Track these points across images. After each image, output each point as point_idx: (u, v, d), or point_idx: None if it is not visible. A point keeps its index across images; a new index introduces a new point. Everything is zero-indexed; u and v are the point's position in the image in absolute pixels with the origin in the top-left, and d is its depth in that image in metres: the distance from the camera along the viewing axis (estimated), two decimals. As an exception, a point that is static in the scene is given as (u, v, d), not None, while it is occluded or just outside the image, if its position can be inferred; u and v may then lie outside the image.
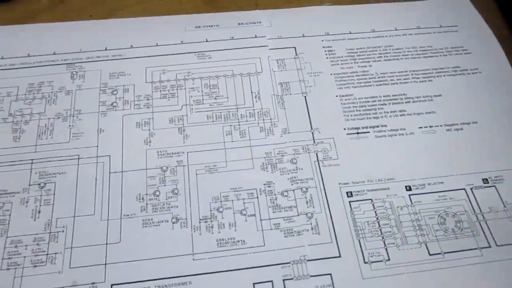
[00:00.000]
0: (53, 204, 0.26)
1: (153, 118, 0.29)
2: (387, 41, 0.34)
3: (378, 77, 0.32)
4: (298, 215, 0.26)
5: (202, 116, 0.30)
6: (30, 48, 0.32)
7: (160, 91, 0.30)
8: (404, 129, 0.30)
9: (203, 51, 0.32)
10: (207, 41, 0.33)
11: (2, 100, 0.30)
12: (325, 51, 0.33)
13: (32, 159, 0.28)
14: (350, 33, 0.34)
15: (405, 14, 0.36)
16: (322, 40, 0.34)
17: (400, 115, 0.30)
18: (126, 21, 0.34)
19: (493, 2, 0.37)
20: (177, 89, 0.31)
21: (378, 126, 0.30)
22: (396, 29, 0.34)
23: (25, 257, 0.25)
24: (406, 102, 0.31)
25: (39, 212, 0.26)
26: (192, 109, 0.30)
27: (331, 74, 0.32)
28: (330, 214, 0.26)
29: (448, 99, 0.31)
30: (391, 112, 0.30)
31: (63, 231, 0.26)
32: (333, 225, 0.26)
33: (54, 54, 0.32)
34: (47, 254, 0.25)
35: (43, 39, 0.33)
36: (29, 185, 0.27)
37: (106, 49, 0.32)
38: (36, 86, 0.30)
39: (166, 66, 0.32)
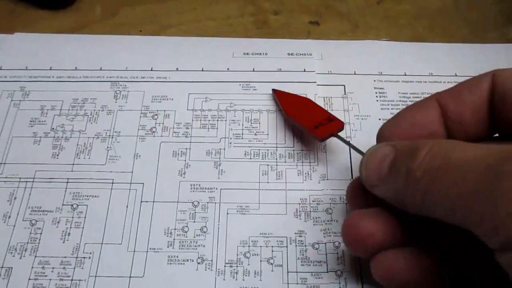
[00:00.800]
0: (83, 227, 0.26)
1: (190, 149, 0.29)
2: (444, 88, 0.31)
3: (430, 128, 0.30)
4: (327, 272, 0.25)
5: (240, 151, 0.29)
6: (78, 60, 0.32)
7: (201, 120, 0.30)
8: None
9: (249, 81, 0.31)
10: (253, 70, 0.32)
11: (46, 114, 0.30)
12: (376, 92, 0.31)
13: (68, 178, 0.28)
14: (405, 74, 0.32)
15: (467, 58, 0.33)
16: (374, 80, 0.32)
17: (449, 173, 0.28)
18: (174, 40, 0.34)
19: None
20: (217, 120, 0.30)
21: (423, 183, 0.28)
22: (456, 75, 0.32)
23: (50, 279, 0.25)
24: (457, 159, 0.29)
25: (68, 234, 0.26)
26: (230, 143, 0.29)
27: (379, 119, 0.30)
28: (361, 274, 0.25)
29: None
30: (439, 168, 0.28)
31: (89, 257, 0.26)
32: (362, 287, 0.25)
33: (100, 69, 0.32)
34: (71, 280, 0.25)
35: (91, 52, 0.33)
36: (63, 205, 0.27)
37: (151, 70, 0.32)
38: (79, 102, 0.31)
39: (209, 94, 0.31)
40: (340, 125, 0.27)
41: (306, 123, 0.27)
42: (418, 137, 0.22)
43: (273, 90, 0.30)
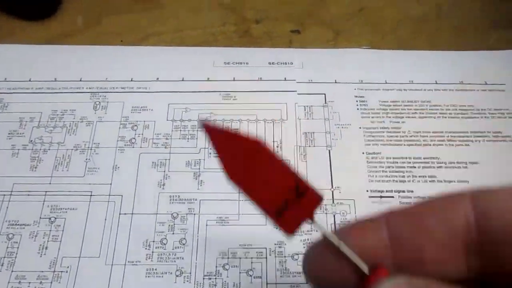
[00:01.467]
0: (60, 241, 0.26)
1: (169, 159, 0.29)
2: (425, 96, 0.31)
3: (410, 136, 0.30)
4: (307, 283, 0.25)
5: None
6: (58, 72, 0.32)
7: (180, 130, 0.30)
8: (432, 198, 0.28)
9: (229, 91, 0.31)
10: (234, 80, 0.32)
11: (24, 125, 0.30)
12: (357, 101, 0.31)
13: (46, 191, 0.28)
14: (386, 82, 0.32)
15: (448, 65, 0.33)
16: (355, 89, 0.32)
17: (430, 181, 0.28)
18: (155, 50, 0.34)
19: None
20: (197, 131, 0.30)
21: (404, 191, 0.28)
22: (436, 83, 0.32)
23: (27, 295, 0.25)
24: (437, 167, 0.29)
25: (46, 248, 0.26)
26: (210, 153, 0.29)
27: (360, 127, 0.30)
28: (341, 285, 0.25)
29: (485, 168, 0.29)
30: (419, 176, 0.28)
31: (67, 271, 0.25)
32: (342, 298, 0.25)
33: (80, 80, 0.32)
34: (48, 295, 0.25)
35: (71, 63, 0.33)
36: (40, 218, 0.27)
37: (131, 80, 0.32)
38: (59, 113, 0.30)
39: (189, 104, 0.31)
40: (317, 202, 0.16)
41: (264, 205, 0.16)
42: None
43: (202, 123, 0.15)
